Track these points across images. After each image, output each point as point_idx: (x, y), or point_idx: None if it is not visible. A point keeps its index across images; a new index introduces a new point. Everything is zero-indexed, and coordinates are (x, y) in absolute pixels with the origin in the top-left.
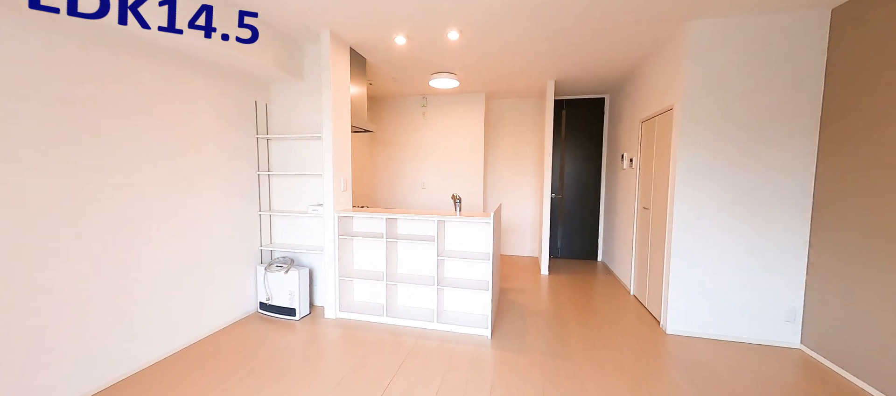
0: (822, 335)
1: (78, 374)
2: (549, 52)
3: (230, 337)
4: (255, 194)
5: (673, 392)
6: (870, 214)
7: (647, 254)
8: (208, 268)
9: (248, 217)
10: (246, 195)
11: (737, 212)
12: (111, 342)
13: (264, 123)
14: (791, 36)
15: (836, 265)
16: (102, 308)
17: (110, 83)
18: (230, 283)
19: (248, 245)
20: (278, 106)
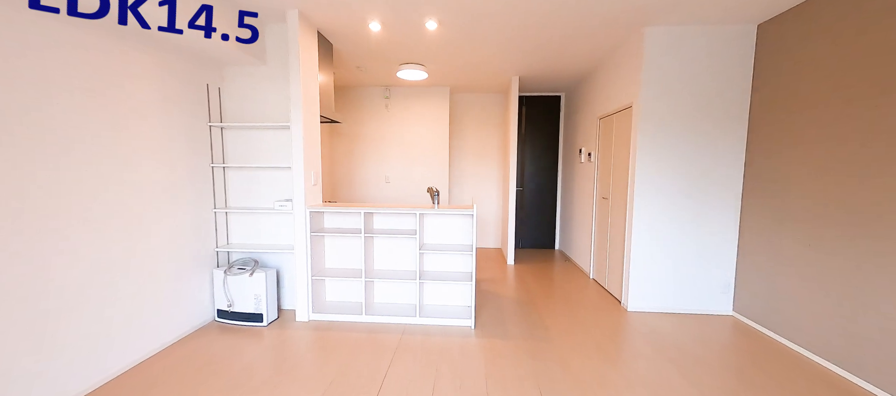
0: (749, 302)
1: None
2: (519, 47)
3: (185, 354)
4: (209, 189)
5: (641, 359)
6: (782, 198)
7: (606, 240)
8: (151, 275)
9: (202, 215)
10: (198, 191)
11: (685, 199)
12: (19, 369)
13: (217, 110)
14: (727, 45)
15: (759, 242)
16: (5, 327)
17: (33, 52)
18: (180, 291)
19: (201, 247)
20: (234, 90)
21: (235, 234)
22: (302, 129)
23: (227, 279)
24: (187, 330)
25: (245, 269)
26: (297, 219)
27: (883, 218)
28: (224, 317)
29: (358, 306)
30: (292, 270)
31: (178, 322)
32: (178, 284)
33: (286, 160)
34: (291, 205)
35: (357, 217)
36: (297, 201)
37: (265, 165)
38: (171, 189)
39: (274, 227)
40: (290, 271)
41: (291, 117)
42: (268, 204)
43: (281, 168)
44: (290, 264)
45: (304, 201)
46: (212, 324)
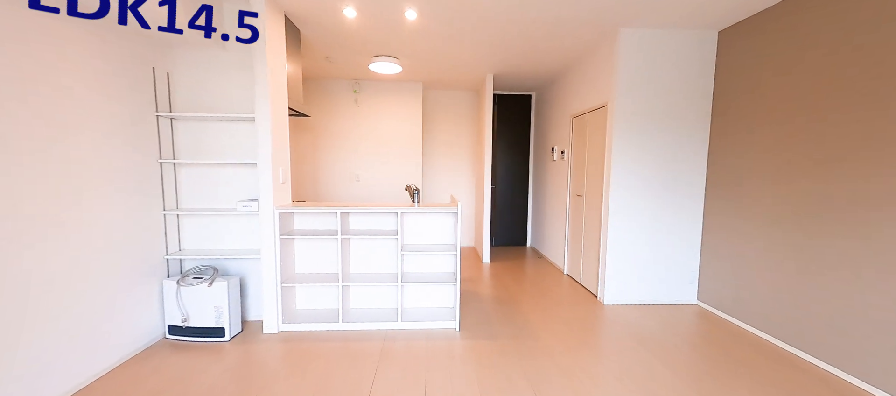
0: (712, 291)
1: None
2: (497, 44)
3: (130, 379)
4: (157, 188)
5: (624, 352)
6: (742, 195)
7: (581, 237)
8: (81, 289)
9: (148, 219)
10: (142, 190)
11: (656, 195)
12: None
13: (166, 97)
14: (692, 49)
15: (720, 236)
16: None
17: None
18: (121, 306)
19: (146, 255)
20: (187, 76)
21: (190, 239)
22: (269, 121)
23: (181, 291)
24: (131, 351)
25: (202, 278)
26: (265, 221)
27: (833, 215)
28: (177, 334)
29: (333, 313)
30: (258, 277)
31: (118, 343)
32: (118, 298)
33: (250, 156)
34: (257, 205)
35: (332, 218)
36: (264, 200)
37: (225, 161)
38: (107, 188)
39: (236, 230)
40: (256, 278)
41: (257, 108)
42: (229, 205)
43: (244, 165)
44: (255, 270)
45: (271, 200)
46: (162, 343)
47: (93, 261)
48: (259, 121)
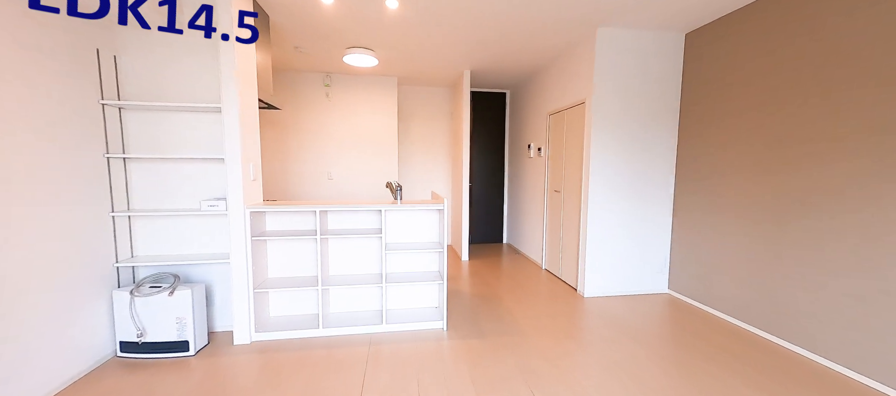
0: (682, 280)
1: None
2: (476, 39)
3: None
4: (104, 187)
5: (609, 342)
6: (708, 189)
7: (559, 232)
8: (12, 309)
9: (93, 223)
10: (86, 191)
11: (631, 190)
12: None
13: (114, 84)
14: (663, 49)
15: (689, 227)
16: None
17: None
18: (64, 323)
19: (93, 264)
20: (138, 61)
21: (144, 244)
22: (238, 112)
23: (136, 302)
24: (75, 374)
25: (161, 287)
26: (234, 221)
27: (795, 206)
28: (132, 351)
29: (312, 319)
30: (226, 283)
31: (60, 366)
32: (59, 315)
33: (215, 150)
34: (225, 205)
35: (309, 217)
36: (234, 199)
37: (186, 156)
38: (41, 190)
39: (199, 233)
40: (224, 284)
41: (223, 97)
42: (191, 205)
43: (208, 160)
44: (223, 276)
45: (242, 199)
46: (112, 362)
47: (26, 275)
48: (226, 111)
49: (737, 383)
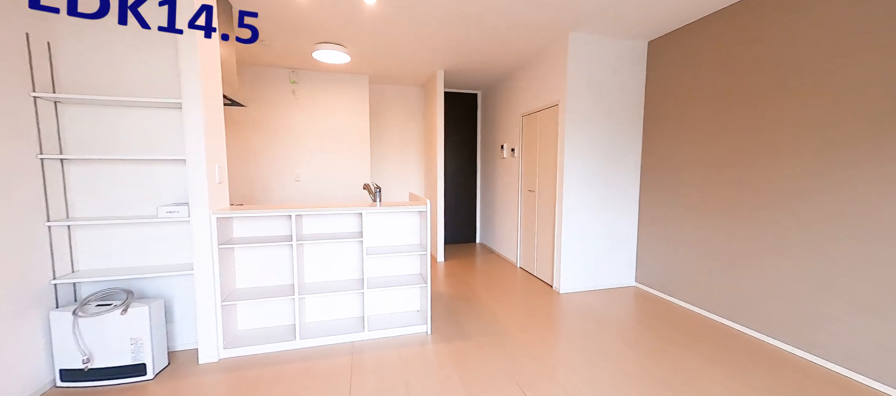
0: (647, 273)
1: None
2: (452, 38)
3: None
4: (38, 193)
5: (589, 336)
6: (671, 186)
7: (534, 231)
8: None
9: (23, 233)
10: (15, 197)
11: (602, 189)
12: None
13: (48, 74)
14: (629, 55)
15: (652, 223)
16: None
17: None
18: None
19: (23, 281)
20: (75, 47)
21: (88, 257)
22: (201, 108)
23: (80, 323)
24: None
25: (112, 304)
26: (199, 228)
27: (748, 202)
28: (75, 379)
29: (286, 331)
30: (188, 297)
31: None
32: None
33: (174, 151)
34: (187, 211)
35: (281, 222)
36: (198, 204)
37: (139, 157)
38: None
39: (154, 243)
40: (185, 299)
41: (184, 92)
42: (145, 211)
43: (166, 162)
44: (184, 289)
45: (207, 204)
46: (51, 393)
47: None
48: (188, 108)
49: (702, 364)
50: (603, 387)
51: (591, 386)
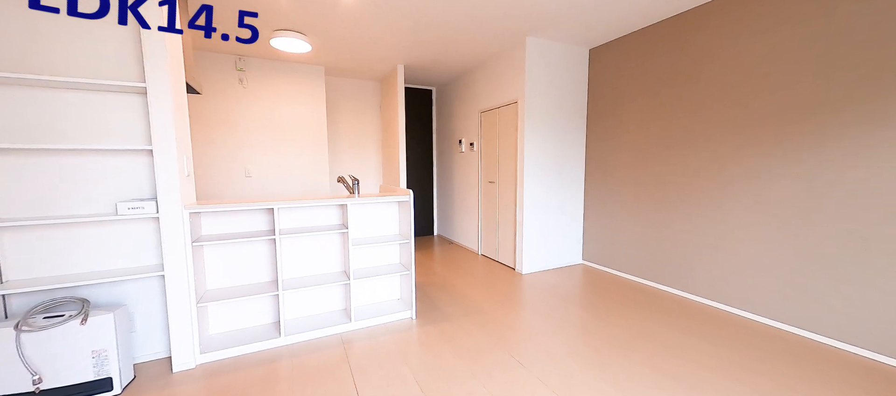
0: (592, 251)
1: None
2: (413, 36)
3: None
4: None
5: (553, 306)
6: (610, 175)
7: (495, 219)
8: None
9: None
10: None
11: (555, 178)
12: None
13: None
14: (575, 60)
15: (595, 207)
16: None
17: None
18: None
19: None
20: (4, 16)
21: (23, 265)
22: (170, 93)
23: (22, 340)
24: None
25: (64, 316)
26: (170, 225)
27: (672, 184)
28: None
29: (267, 329)
30: (149, 303)
31: None
32: None
33: (124, 141)
34: (154, 206)
35: (257, 216)
36: (168, 199)
37: (83, 147)
38: None
39: (112, 244)
40: (147, 304)
41: (150, 75)
42: (94, 209)
43: (117, 152)
44: (144, 295)
45: (180, 198)
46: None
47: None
48: (155, 92)
49: (642, 320)
50: (573, 344)
51: (564, 344)
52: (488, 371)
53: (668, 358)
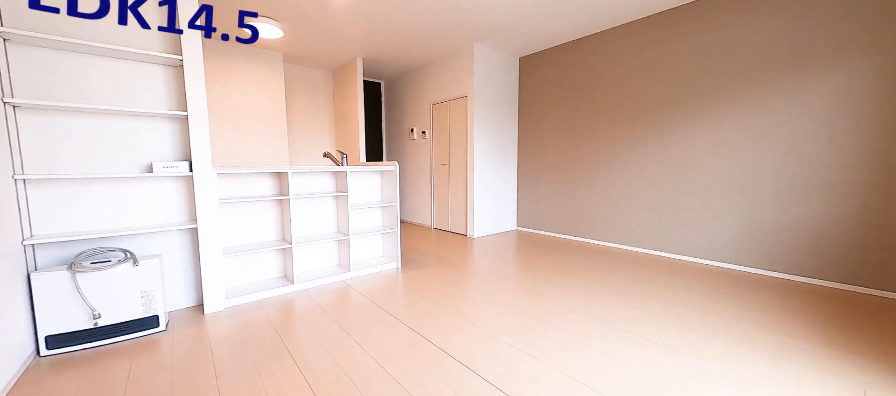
0: (524, 218)
1: None
2: (377, 31)
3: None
4: (3, 143)
5: (501, 256)
6: (534, 155)
7: (447, 196)
8: None
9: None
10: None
11: (496, 160)
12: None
13: None
14: (509, 65)
15: (526, 182)
16: None
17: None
18: None
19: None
20: None
21: (50, 218)
22: (202, 66)
23: (79, 280)
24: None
25: (110, 261)
26: (203, 184)
27: (579, 162)
28: (67, 343)
29: (277, 280)
30: (174, 255)
31: None
32: None
33: (151, 106)
34: (185, 167)
35: (265, 181)
36: (201, 161)
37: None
38: None
39: (141, 201)
40: (172, 257)
41: (187, 48)
42: (122, 169)
43: (142, 116)
44: (172, 247)
45: (210, 160)
46: (36, 366)
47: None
48: (190, 64)
49: (563, 258)
50: (517, 276)
51: (514, 271)
52: (461, 287)
53: (577, 278)
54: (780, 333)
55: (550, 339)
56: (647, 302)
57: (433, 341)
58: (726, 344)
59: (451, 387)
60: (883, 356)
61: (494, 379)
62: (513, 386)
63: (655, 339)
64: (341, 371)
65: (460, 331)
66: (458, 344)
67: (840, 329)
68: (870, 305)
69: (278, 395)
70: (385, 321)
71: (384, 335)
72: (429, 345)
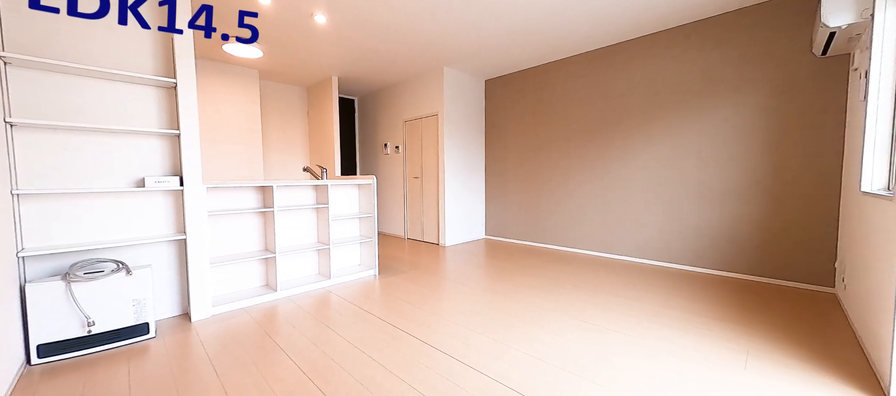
0: (492, 227)
1: None
2: (355, 51)
3: None
4: (2, 158)
5: (472, 263)
6: (500, 169)
7: (420, 207)
8: None
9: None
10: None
11: (465, 173)
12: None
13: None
14: (476, 87)
15: (493, 194)
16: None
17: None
18: None
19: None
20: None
21: (44, 231)
22: (194, 81)
23: (73, 290)
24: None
25: (102, 271)
26: (193, 198)
27: (539, 175)
28: (58, 352)
29: (261, 289)
30: (161, 266)
31: None
32: None
33: (141, 125)
34: (175, 182)
35: (249, 195)
36: (192, 176)
37: (108, 127)
38: None
39: (130, 215)
40: (159, 268)
41: (181, 70)
42: (117, 183)
43: (135, 134)
44: (158, 259)
45: (200, 175)
46: (28, 375)
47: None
48: (184, 84)
49: (527, 262)
50: (485, 278)
51: (482, 274)
52: (435, 289)
53: (537, 278)
54: (691, 312)
55: (513, 327)
56: (594, 295)
57: (412, 333)
58: (651, 324)
59: (431, 368)
60: (767, 327)
61: (467, 360)
62: (482, 363)
63: (596, 322)
64: (331, 359)
65: (436, 325)
66: (435, 335)
67: (738, 310)
68: (769, 291)
69: (278, 381)
70: (367, 320)
71: (367, 331)
72: (408, 337)
